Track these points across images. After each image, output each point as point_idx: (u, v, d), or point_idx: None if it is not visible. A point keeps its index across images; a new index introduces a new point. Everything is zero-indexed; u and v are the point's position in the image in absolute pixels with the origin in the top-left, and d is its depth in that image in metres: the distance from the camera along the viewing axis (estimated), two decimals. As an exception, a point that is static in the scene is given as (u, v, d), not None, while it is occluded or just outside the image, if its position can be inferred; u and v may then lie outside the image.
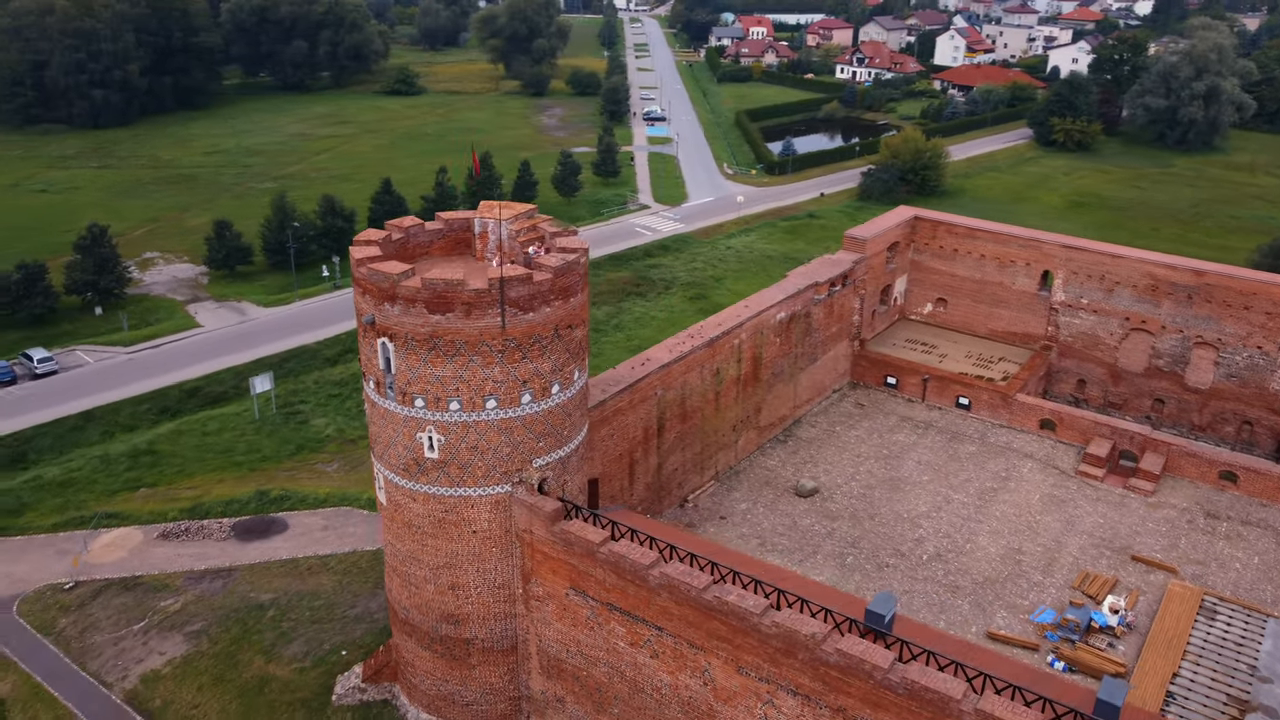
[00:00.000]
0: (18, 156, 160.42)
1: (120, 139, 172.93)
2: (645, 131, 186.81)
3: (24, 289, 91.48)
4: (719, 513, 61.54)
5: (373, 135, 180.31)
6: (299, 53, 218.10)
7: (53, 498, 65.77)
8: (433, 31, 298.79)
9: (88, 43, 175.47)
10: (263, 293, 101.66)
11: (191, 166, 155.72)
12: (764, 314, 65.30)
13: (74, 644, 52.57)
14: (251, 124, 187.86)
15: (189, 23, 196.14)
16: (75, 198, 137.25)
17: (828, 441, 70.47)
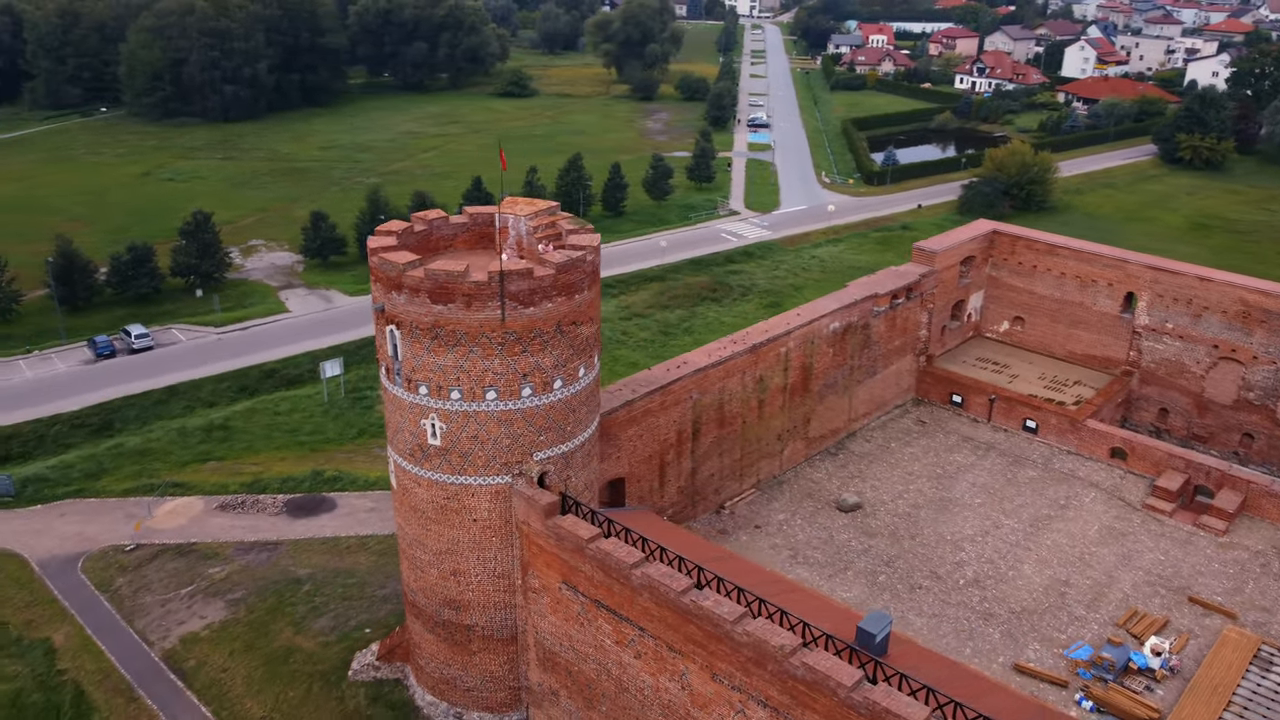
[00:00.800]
0: (152, 146, 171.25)
1: (245, 133, 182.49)
2: (747, 138, 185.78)
3: (132, 269, 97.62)
4: (755, 521, 60.76)
5: (479, 135, 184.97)
6: (419, 54, 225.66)
7: (130, 465, 69.99)
8: (552, 35, 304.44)
9: (222, 41, 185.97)
10: (351, 282, 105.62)
11: (306, 160, 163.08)
12: (815, 323, 64.16)
13: (126, 602, 55.80)
14: (368, 121, 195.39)
15: (317, 24, 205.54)
16: (197, 187, 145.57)
17: (880, 457, 68.69)
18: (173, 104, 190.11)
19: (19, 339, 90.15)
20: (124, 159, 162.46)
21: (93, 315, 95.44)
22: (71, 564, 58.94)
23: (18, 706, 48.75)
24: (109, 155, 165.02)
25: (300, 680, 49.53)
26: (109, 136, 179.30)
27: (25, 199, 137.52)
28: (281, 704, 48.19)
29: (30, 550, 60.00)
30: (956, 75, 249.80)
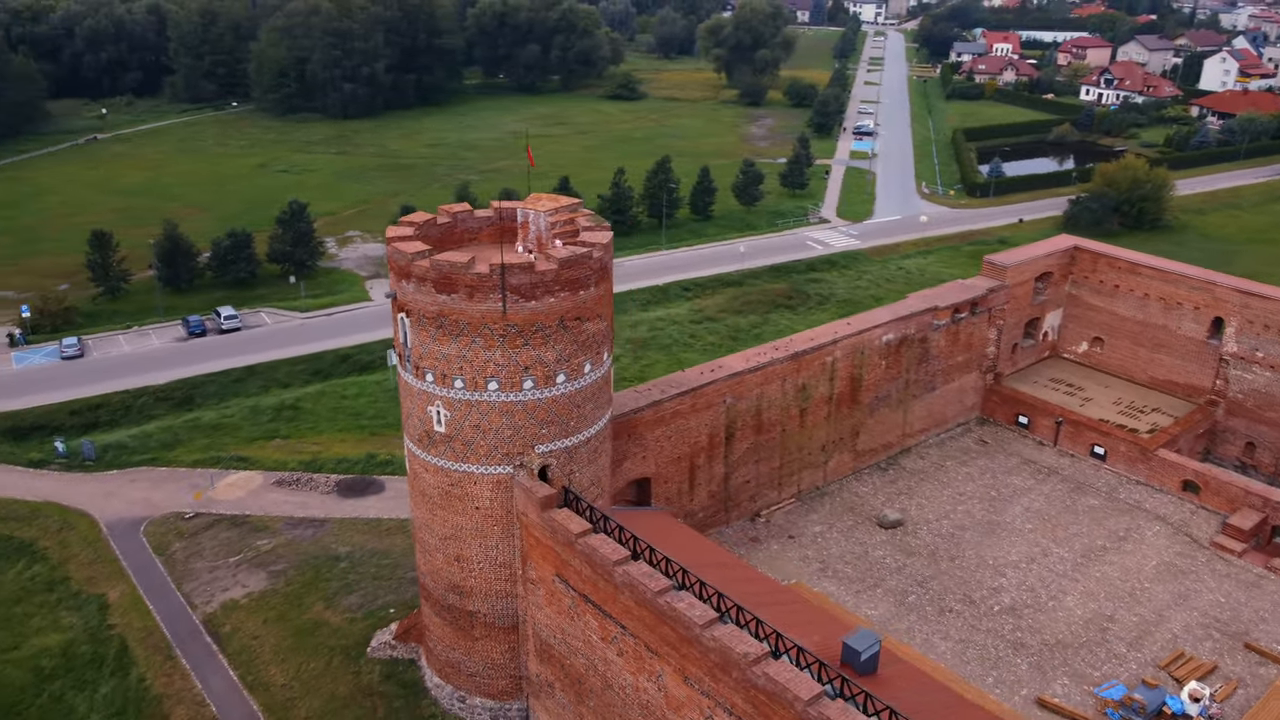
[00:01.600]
0: (273, 140, 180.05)
1: (361, 129, 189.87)
2: (850, 145, 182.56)
3: (232, 254, 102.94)
4: (789, 531, 59.83)
5: (584, 137, 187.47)
6: (531, 56, 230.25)
7: (203, 438, 73.85)
8: (667, 40, 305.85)
9: (343, 41, 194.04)
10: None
11: (413, 157, 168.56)
12: (866, 334, 62.72)
13: (178, 567, 58.94)
14: (477, 120, 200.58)
15: (435, 25, 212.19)
16: (308, 179, 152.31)
17: (933, 475, 66.62)
18: (296, 100, 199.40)
19: (124, 315, 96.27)
20: (245, 151, 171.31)
21: (193, 296, 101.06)
22: (135, 527, 62.60)
23: (67, 656, 52.09)
24: (233, 147, 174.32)
25: (322, 653, 51.33)
26: (235, 130, 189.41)
27: (152, 186, 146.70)
28: (302, 673, 50.04)
29: (100, 512, 64.01)
30: (1082, 86, 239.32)
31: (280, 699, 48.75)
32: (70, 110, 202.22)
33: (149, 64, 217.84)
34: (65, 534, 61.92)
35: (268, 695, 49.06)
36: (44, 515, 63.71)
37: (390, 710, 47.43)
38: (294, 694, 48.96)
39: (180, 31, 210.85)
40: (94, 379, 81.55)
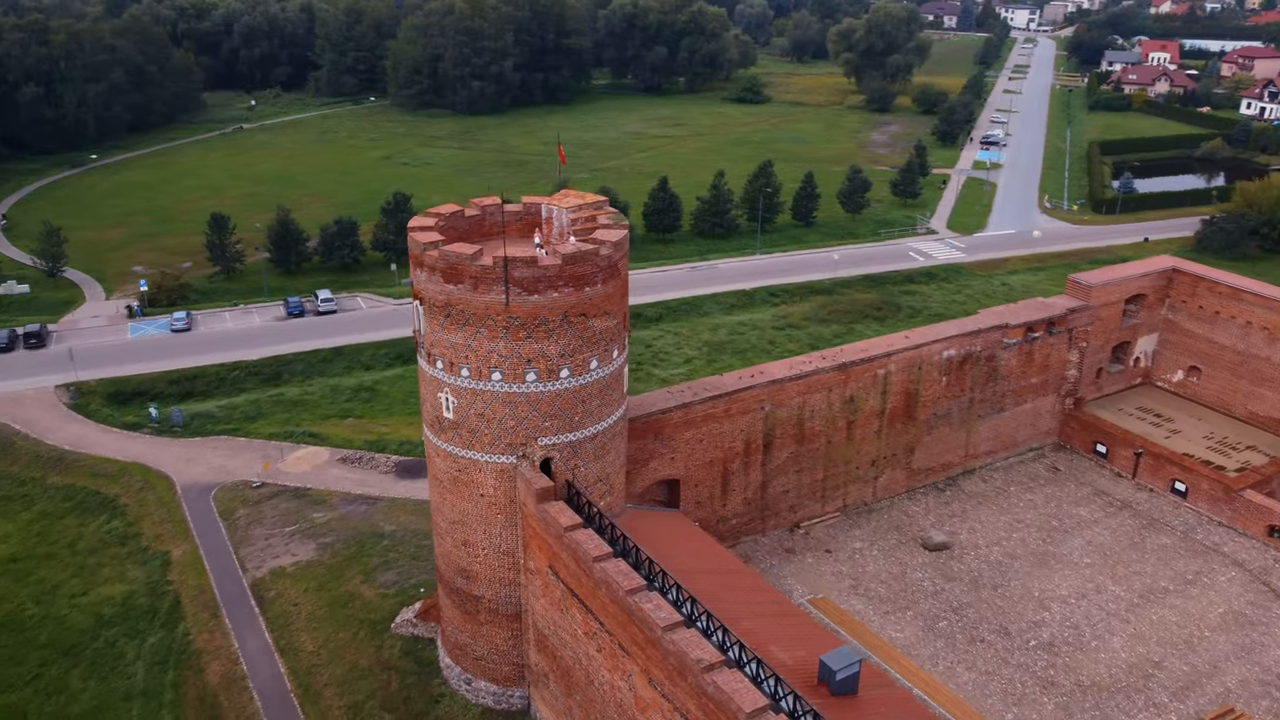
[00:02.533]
0: (402, 134, 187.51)
1: (485, 125, 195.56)
2: (976, 155, 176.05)
3: (338, 241, 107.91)
4: (827, 545, 58.56)
5: (701, 139, 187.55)
6: (658, 58, 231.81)
7: (283, 412, 77.83)
8: (801, 43, 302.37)
9: (474, 40, 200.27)
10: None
11: (529, 154, 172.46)
12: (923, 348, 60.67)
13: (238, 532, 62.36)
14: (599, 120, 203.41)
15: (564, 26, 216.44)
16: (426, 171, 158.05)
17: (993, 500, 63.90)
18: (427, 96, 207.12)
19: (235, 294, 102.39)
20: (374, 143, 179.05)
21: (300, 279, 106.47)
22: (207, 492, 66.56)
23: (126, 606, 55.92)
24: (363, 139, 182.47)
25: (352, 624, 53.36)
26: (369, 123, 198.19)
27: (284, 173, 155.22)
28: (329, 642, 52.16)
29: (179, 475, 68.33)
30: (1243, 99, 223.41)
31: (306, 664, 50.96)
32: (224, 101, 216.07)
33: (298, 59, 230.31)
34: (145, 493, 66.41)
35: (295, 660, 51.36)
36: (129, 475, 68.49)
37: (403, 685, 48.89)
38: (319, 661, 51.09)
39: (327, 29, 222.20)
40: (196, 351, 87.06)
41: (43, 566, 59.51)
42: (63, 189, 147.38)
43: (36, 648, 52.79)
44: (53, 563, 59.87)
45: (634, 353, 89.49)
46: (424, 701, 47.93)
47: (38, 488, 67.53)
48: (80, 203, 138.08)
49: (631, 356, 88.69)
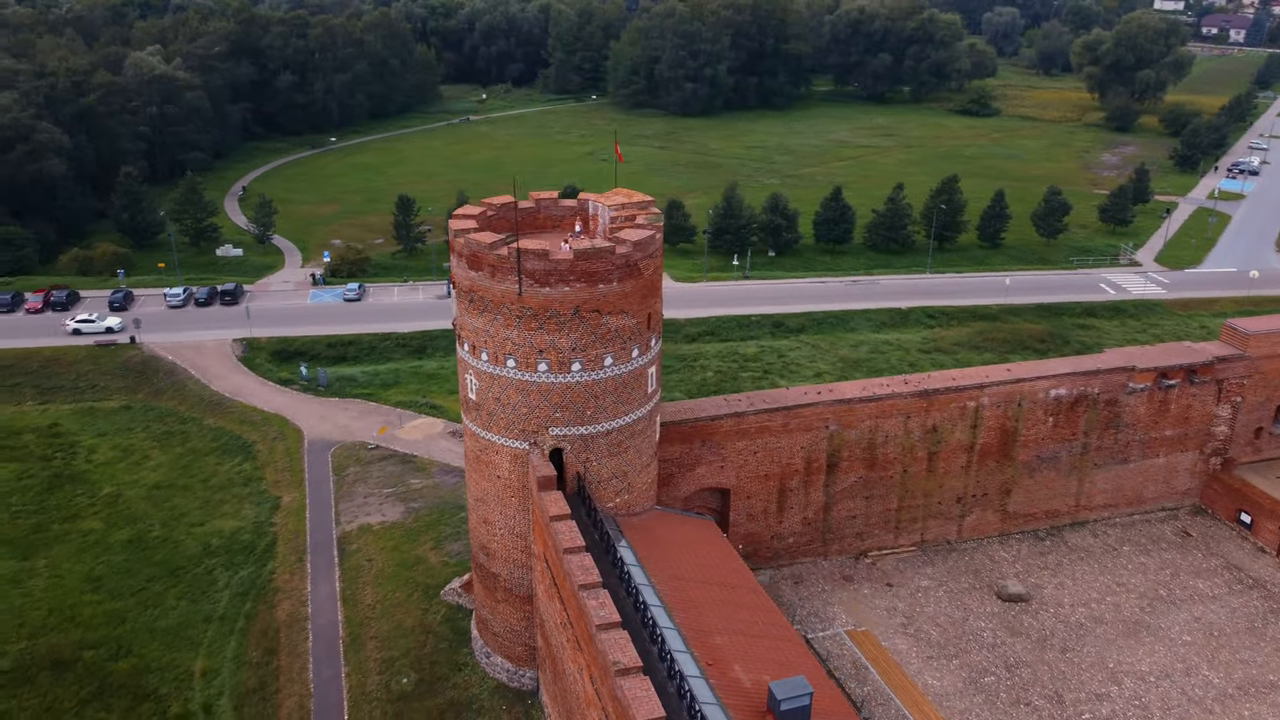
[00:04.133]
0: (610, 131, 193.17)
1: (692, 127, 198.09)
2: (1219, 184, 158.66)
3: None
4: (891, 579, 55.88)
5: (908, 151, 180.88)
6: (883, 65, 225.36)
7: (416, 383, 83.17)
8: (1049, 55, 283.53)
9: (690, 42, 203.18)
10: (686, 269, 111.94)
11: (725, 156, 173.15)
12: (1026, 384, 56.47)
13: (343, 488, 67.56)
14: (806, 127, 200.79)
15: (784, 31, 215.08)
16: (621, 168, 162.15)
17: (1099, 557, 58.54)
18: (642, 96, 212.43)
19: (411, 271, 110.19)
20: (582, 139, 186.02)
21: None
22: (329, 448, 72.46)
23: (231, 540, 62.12)
24: (574, 135, 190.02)
25: (410, 586, 56.62)
26: (583, 120, 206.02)
27: (492, 163, 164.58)
28: (385, 599, 55.66)
29: (309, 430, 74.78)
30: None
31: (360, 615, 54.65)
32: (459, 94, 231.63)
33: (531, 57, 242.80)
34: (277, 443, 73.25)
35: (353, 610, 55.19)
36: (269, 424, 75.74)
37: (436, 649, 51.42)
38: (372, 615, 54.63)
39: (559, 28, 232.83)
40: (360, 320, 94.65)
41: (178, 495, 67.14)
42: (300, 167, 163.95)
43: (150, 565, 59.80)
44: (186, 494, 67.40)
45: (765, 361, 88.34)
46: (448, 667, 50.21)
47: (195, 427, 76.11)
48: (309, 180, 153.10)
49: (761, 364, 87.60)
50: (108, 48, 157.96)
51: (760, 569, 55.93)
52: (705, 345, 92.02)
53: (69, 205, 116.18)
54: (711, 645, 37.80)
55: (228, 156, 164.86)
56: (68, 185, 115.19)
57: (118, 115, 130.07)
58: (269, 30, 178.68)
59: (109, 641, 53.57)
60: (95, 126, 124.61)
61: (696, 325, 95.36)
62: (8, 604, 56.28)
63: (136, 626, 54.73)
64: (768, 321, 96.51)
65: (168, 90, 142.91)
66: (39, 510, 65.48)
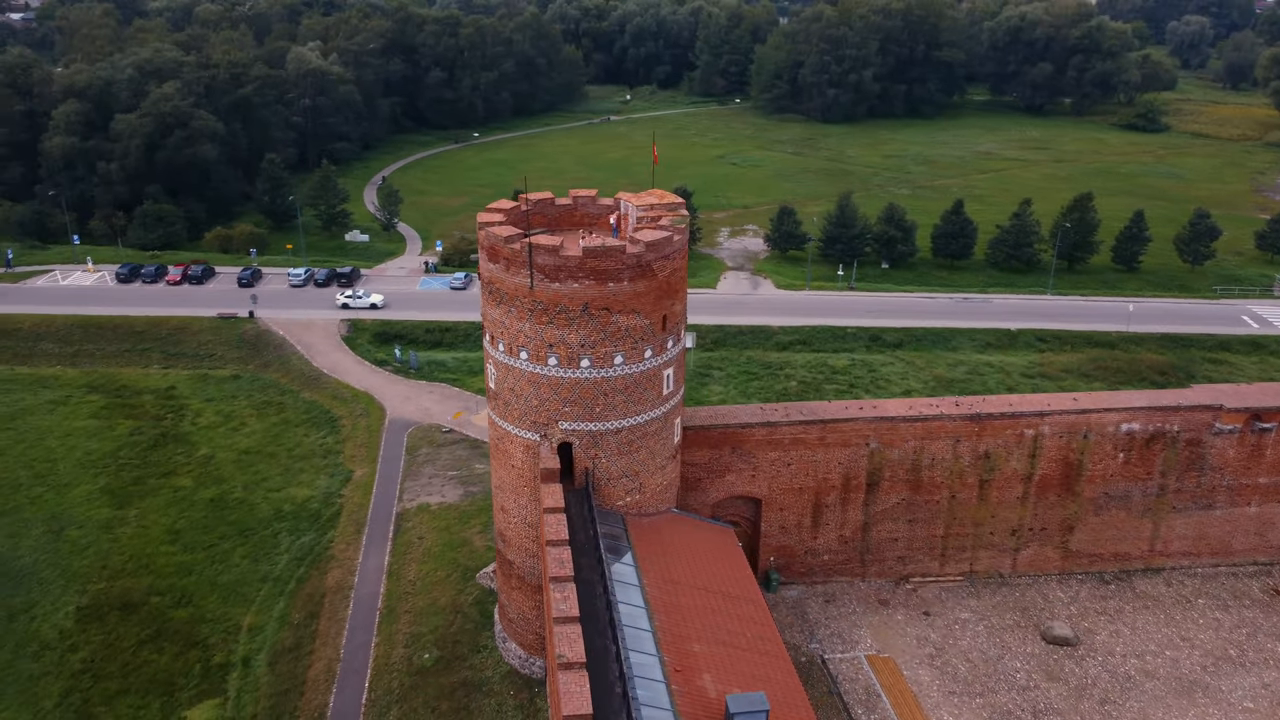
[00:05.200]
0: (746, 135, 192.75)
1: (831, 134, 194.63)
2: None
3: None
4: (929, 608, 53.75)
5: (1058, 166, 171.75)
6: (1042, 75, 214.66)
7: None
8: (1238, 67, 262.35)
9: (835, 47, 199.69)
10: (791, 276, 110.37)
11: (859, 165, 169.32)
12: (1093, 415, 53.15)
13: (412, 467, 70.25)
14: (951, 137, 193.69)
15: (936, 37, 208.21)
16: (749, 173, 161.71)
17: (1167, 608, 54.58)
18: (784, 101, 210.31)
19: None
20: (717, 143, 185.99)
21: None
22: (406, 428, 75.58)
23: (300, 508, 65.82)
24: (709, 138, 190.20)
25: (451, 566, 58.48)
26: (722, 123, 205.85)
27: (622, 162, 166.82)
28: (425, 575, 57.73)
29: (392, 409, 78.20)
30: None
31: (400, 590, 56.90)
32: (605, 95, 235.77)
33: (678, 59, 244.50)
34: (360, 419, 76.99)
35: (395, 584, 57.52)
36: (357, 401, 79.68)
37: (461, 629, 52.96)
38: (411, 590, 56.78)
39: (707, 31, 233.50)
40: (461, 309, 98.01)
41: (263, 462, 71.66)
42: (440, 160, 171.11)
43: (225, 524, 64.15)
44: (271, 461, 71.84)
45: (853, 375, 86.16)
46: (468, 648, 51.59)
47: (292, 399, 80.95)
48: (446, 172, 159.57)
49: (849, 378, 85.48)
50: (276, 43, 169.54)
51: (792, 583, 54.84)
52: (795, 354, 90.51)
53: (220, 187, 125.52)
54: (686, 651, 37.50)
55: (375, 148, 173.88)
56: (220, 169, 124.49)
57: (271, 105, 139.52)
58: (423, 29, 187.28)
59: (174, 590, 57.90)
60: (250, 115, 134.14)
61: (789, 334, 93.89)
62: (96, 548, 61.67)
63: (201, 579, 58.90)
64: (864, 334, 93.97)
65: (321, 83, 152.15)
66: (141, 465, 71.31)
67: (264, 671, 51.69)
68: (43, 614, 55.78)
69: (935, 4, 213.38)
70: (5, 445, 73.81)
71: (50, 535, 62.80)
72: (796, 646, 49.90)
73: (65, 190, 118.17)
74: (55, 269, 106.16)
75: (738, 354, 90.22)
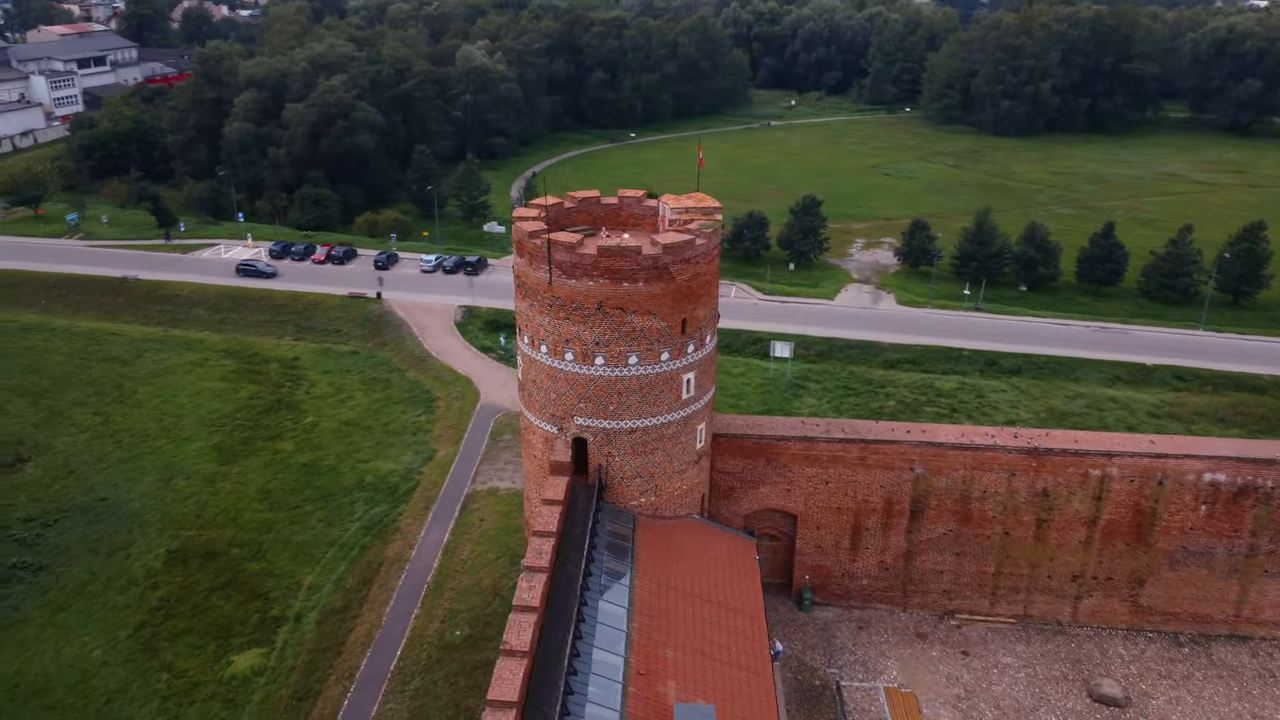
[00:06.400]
0: (910, 146, 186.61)
1: (1000, 147, 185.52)
2: None
3: (749, 231, 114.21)
4: (969, 648, 51.16)
5: (1250, 191, 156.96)
6: (1249, 92, 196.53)
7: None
8: None
9: (1012, 57, 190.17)
10: (916, 292, 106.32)
11: (1023, 181, 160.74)
12: (1170, 461, 49.03)
13: (491, 451, 72.74)
14: (1134, 156, 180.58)
15: (1127, 49, 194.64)
16: (900, 184, 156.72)
17: (1245, 680, 50.03)
18: (954, 111, 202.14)
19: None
20: (875, 152, 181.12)
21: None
22: (495, 413, 78.23)
23: (381, 480, 69.40)
24: (867, 147, 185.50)
25: (500, 550, 60.30)
26: (885, 132, 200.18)
27: (770, 168, 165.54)
28: (477, 556, 59.79)
29: (486, 395, 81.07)
30: None
31: (450, 568, 59.18)
32: (770, 100, 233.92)
33: (849, 65, 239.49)
34: (455, 402, 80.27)
35: (448, 561, 59.87)
36: (456, 384, 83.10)
37: (495, 611, 54.54)
38: (460, 569, 58.96)
39: (881, 37, 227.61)
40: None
41: (359, 434, 76.00)
42: (591, 158, 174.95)
43: (311, 488, 68.55)
44: (366, 434, 76.08)
45: (958, 398, 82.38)
46: (496, 630, 52.76)
47: (399, 377, 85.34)
48: (594, 170, 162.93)
49: (952, 401, 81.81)
50: (450, 41, 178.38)
51: (828, 605, 53.29)
52: (901, 373, 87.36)
53: (377, 175, 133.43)
54: (657, 656, 37.38)
55: (533, 144, 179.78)
56: (377, 158, 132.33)
57: (431, 100, 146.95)
58: (589, 30, 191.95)
59: (253, 544, 62.47)
60: (410, 109, 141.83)
61: (900, 351, 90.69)
62: (196, 499, 67.32)
63: (278, 537, 63.26)
64: (980, 358, 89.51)
65: (483, 80, 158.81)
66: (253, 427, 77.16)
67: (311, 629, 55.03)
68: (137, 553, 61.50)
69: (1129, 14, 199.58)
70: (145, 398, 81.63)
71: (160, 483, 69.07)
72: (813, 669, 48.56)
73: (240, 172, 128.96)
74: (220, 243, 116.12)
75: (841, 368, 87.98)
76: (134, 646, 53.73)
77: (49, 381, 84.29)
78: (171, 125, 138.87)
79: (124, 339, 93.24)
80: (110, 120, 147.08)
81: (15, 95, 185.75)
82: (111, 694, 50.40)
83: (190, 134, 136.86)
